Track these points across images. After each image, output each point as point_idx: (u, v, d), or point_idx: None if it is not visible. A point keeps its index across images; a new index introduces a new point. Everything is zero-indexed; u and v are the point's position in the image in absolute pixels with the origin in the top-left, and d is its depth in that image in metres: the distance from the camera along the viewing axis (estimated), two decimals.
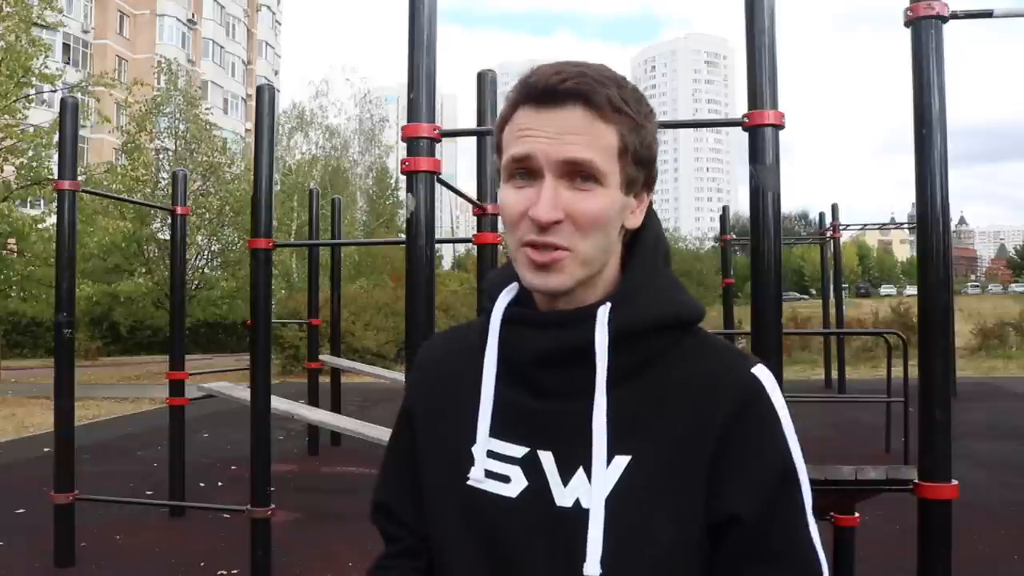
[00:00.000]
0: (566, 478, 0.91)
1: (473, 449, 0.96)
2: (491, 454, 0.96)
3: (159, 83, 25.21)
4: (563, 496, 0.91)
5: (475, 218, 4.53)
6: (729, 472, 0.89)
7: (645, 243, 0.98)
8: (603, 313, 0.91)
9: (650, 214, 0.99)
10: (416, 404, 1.06)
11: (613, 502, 0.89)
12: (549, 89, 0.88)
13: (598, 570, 0.87)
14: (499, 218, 0.99)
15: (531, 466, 0.94)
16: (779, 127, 2.74)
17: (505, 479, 0.95)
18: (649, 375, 0.93)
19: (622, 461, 0.90)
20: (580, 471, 0.91)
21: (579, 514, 0.89)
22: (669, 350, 0.94)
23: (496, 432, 0.96)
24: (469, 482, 0.96)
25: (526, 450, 0.94)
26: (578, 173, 0.89)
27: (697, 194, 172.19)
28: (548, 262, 0.89)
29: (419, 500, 1.03)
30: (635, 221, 0.96)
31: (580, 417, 0.91)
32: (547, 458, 0.93)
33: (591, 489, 0.89)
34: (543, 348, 0.93)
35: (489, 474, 0.95)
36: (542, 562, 0.91)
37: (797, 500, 0.91)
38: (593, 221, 0.89)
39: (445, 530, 0.99)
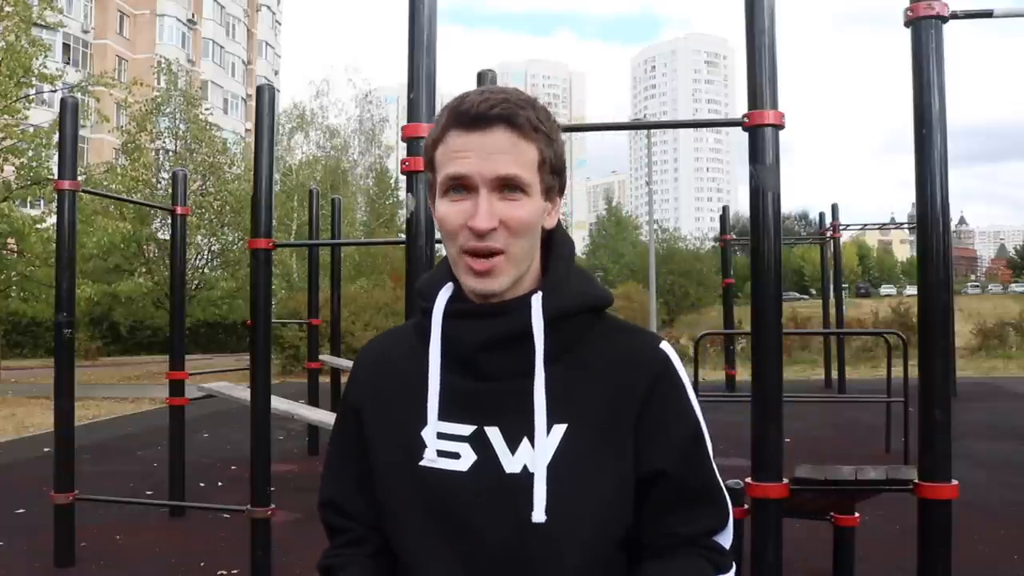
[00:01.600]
0: (513, 448, 1.04)
1: (423, 433, 1.07)
2: (440, 435, 1.06)
3: (159, 83, 25.19)
4: (511, 464, 1.03)
5: None
6: (652, 434, 1.06)
7: (559, 241, 1.13)
8: (537, 301, 1.05)
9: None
10: (363, 400, 1.15)
11: (555, 464, 1.02)
12: (479, 115, 1.01)
13: (543, 517, 1.00)
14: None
15: (479, 441, 1.05)
16: (779, 127, 2.74)
17: (455, 456, 1.05)
18: (574, 354, 1.07)
19: (560, 429, 1.03)
20: (525, 441, 1.04)
21: (527, 477, 1.02)
22: (588, 331, 1.09)
23: (444, 415, 1.06)
24: (422, 463, 1.06)
25: (473, 428, 1.06)
26: (506, 186, 1.02)
27: (697, 194, 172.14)
28: (487, 269, 1.03)
29: (368, 492, 1.12)
30: (551, 222, 1.11)
31: (521, 394, 1.04)
32: (494, 433, 1.05)
33: (535, 451, 1.02)
34: (486, 335, 1.05)
35: (440, 453, 1.06)
36: (493, 520, 1.02)
37: (706, 453, 1.10)
38: (523, 226, 1.03)
39: (400, 511, 1.08)
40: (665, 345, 1.11)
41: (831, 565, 3.84)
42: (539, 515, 1.01)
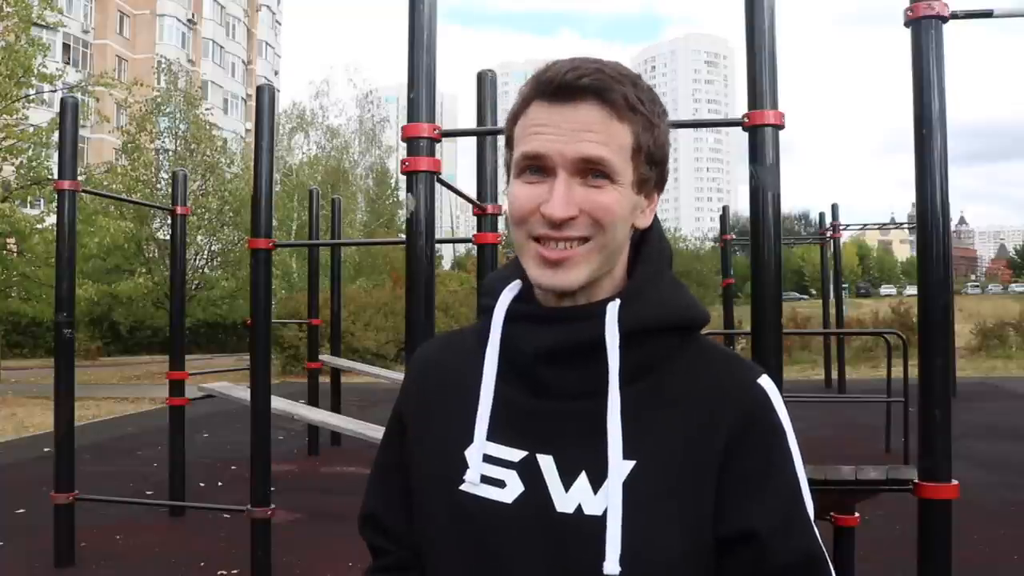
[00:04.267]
0: (568, 483, 0.88)
1: (466, 452, 0.93)
2: (487, 458, 0.92)
3: (159, 83, 25.21)
4: (564, 502, 0.88)
5: (475, 218, 4.53)
6: (742, 486, 0.88)
7: (651, 243, 0.97)
8: (613, 309, 0.89)
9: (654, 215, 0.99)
10: (408, 407, 1.03)
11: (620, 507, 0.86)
12: (565, 85, 0.87)
13: (617, 568, 0.83)
14: (504, 214, 0.97)
15: (528, 471, 0.90)
16: (779, 127, 2.74)
17: (500, 484, 0.91)
18: (654, 378, 0.91)
19: (627, 466, 0.87)
20: (583, 475, 0.88)
21: (582, 520, 0.86)
22: (673, 353, 0.92)
23: (493, 435, 0.92)
24: (463, 487, 0.92)
25: (524, 454, 0.91)
26: (591, 171, 0.87)
27: (697, 194, 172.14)
28: (559, 259, 0.88)
29: (410, 509, 0.99)
30: (645, 221, 0.95)
31: (584, 418, 0.89)
32: (547, 462, 0.90)
33: (607, 488, 0.86)
34: (550, 343, 0.90)
35: (484, 479, 0.92)
36: (540, 570, 0.87)
37: (807, 515, 0.90)
38: (607, 215, 0.88)
39: (434, 536, 0.95)
40: (765, 380, 0.92)
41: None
42: (612, 567, 0.83)
